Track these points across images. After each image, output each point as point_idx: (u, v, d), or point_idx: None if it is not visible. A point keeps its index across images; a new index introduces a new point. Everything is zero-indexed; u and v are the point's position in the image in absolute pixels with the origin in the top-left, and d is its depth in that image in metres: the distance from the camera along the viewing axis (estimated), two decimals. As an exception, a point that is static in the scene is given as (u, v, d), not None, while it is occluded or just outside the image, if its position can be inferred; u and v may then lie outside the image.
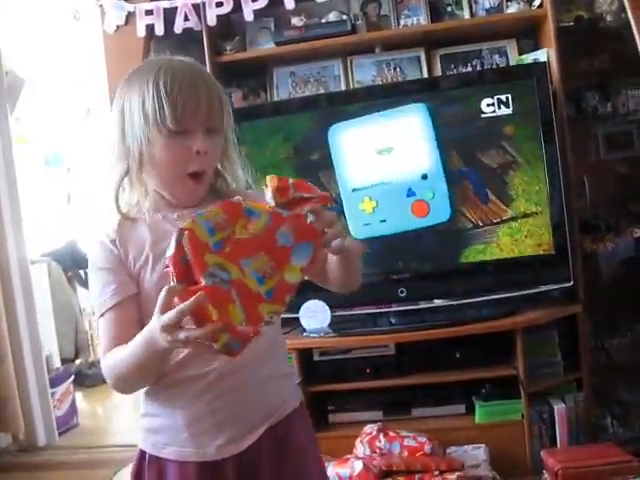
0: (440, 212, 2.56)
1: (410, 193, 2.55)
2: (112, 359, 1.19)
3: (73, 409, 3.81)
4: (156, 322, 1.03)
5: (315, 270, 1.16)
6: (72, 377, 3.92)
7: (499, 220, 2.54)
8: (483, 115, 2.53)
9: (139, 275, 1.23)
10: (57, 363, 4.11)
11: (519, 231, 2.53)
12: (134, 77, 1.22)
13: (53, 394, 3.63)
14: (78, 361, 4.73)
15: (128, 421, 3.84)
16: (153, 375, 1.20)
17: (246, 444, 1.24)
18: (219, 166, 1.30)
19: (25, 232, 3.52)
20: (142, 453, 1.29)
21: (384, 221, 2.57)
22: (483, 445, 2.44)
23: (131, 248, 1.24)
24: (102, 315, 1.23)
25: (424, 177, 2.54)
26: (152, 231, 1.24)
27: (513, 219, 2.53)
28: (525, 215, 2.53)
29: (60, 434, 3.60)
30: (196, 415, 1.23)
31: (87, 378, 4.52)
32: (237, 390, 1.23)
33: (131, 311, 1.22)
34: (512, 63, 2.82)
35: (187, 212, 1.23)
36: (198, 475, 1.23)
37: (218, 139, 1.24)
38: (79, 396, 4.19)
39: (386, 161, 2.55)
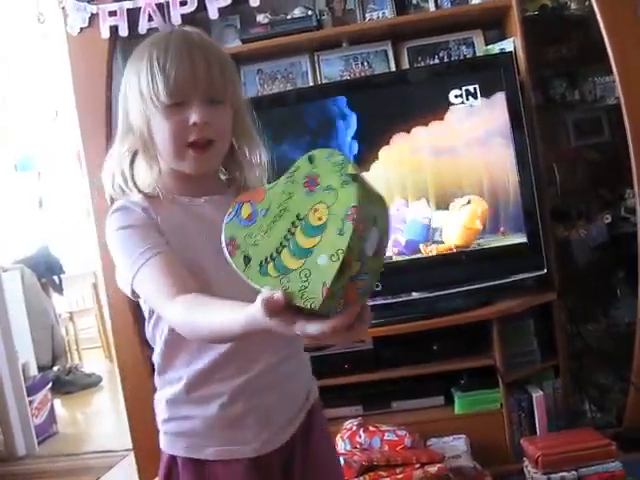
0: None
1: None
2: (191, 316, 1.03)
3: (52, 417, 3.78)
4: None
5: None
6: (50, 384, 3.89)
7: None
8: (452, 106, 2.53)
9: (178, 250, 1.14)
10: (34, 371, 4.07)
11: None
12: (132, 57, 1.20)
13: (31, 402, 3.59)
14: (55, 368, 4.69)
15: (108, 427, 3.82)
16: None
17: (289, 435, 1.24)
18: (235, 143, 1.24)
19: (-4, 240, 3.48)
20: (172, 458, 1.24)
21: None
22: (463, 436, 2.45)
23: (166, 224, 1.16)
24: (138, 270, 1.11)
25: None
26: (186, 212, 1.19)
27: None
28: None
29: (40, 443, 3.57)
30: (237, 414, 1.20)
31: (65, 385, 4.48)
32: (275, 386, 1.22)
33: (176, 259, 1.11)
34: (479, 53, 2.82)
35: (217, 197, 1.21)
36: (246, 472, 1.21)
37: (222, 110, 1.18)
38: (58, 403, 4.16)
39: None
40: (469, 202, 2.54)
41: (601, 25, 2.46)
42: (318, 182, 0.90)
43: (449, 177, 2.56)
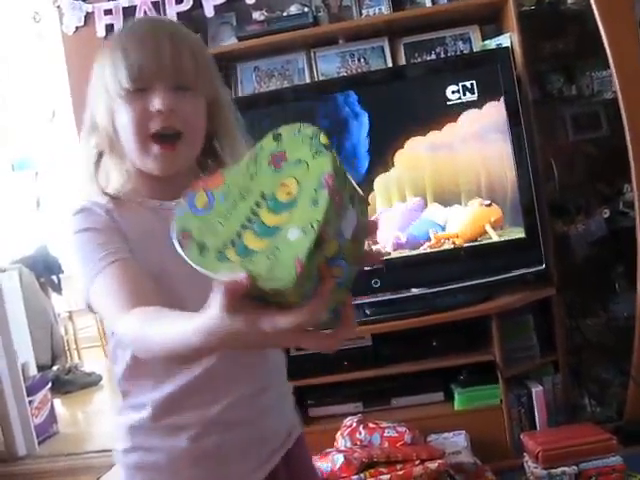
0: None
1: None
2: (143, 329, 0.89)
3: (52, 417, 3.77)
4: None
5: None
6: (49, 384, 3.88)
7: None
8: (449, 102, 2.53)
9: (145, 260, 1.03)
10: (33, 370, 4.06)
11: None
12: (101, 52, 1.12)
13: (31, 402, 3.58)
14: (55, 367, 4.68)
15: (109, 426, 3.80)
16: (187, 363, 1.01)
17: (265, 473, 1.12)
18: (215, 142, 1.14)
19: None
20: None
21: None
22: (463, 431, 2.44)
23: (133, 229, 1.06)
24: (96, 277, 0.99)
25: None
26: (156, 216, 1.08)
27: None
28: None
29: (40, 443, 3.56)
30: (206, 450, 1.08)
31: (65, 384, 4.48)
32: (251, 420, 1.10)
33: (138, 268, 0.99)
34: (476, 49, 2.82)
35: None
36: None
37: (191, 97, 1.07)
38: (58, 403, 4.15)
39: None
40: (490, 204, 2.53)
41: (597, 19, 2.45)
42: (286, 158, 0.77)
43: (446, 173, 2.56)
